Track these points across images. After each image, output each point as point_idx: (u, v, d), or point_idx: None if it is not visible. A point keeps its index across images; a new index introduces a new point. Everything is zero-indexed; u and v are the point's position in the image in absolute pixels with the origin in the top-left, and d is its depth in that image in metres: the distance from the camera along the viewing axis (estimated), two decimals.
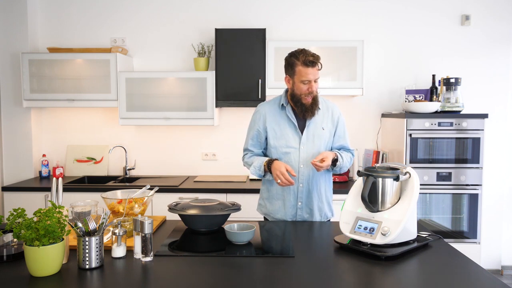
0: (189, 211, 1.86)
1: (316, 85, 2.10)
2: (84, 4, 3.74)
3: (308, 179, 2.15)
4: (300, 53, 2.07)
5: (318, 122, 2.17)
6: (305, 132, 2.15)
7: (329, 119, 2.19)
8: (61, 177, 1.76)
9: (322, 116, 2.18)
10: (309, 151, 2.14)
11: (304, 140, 2.14)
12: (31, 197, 3.23)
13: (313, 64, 2.05)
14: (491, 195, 3.72)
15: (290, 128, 2.16)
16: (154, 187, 2.19)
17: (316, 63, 2.07)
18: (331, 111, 2.21)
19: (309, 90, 2.08)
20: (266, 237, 1.90)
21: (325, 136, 2.17)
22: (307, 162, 2.13)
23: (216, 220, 1.90)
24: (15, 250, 1.55)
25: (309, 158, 2.13)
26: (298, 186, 2.15)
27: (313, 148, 2.14)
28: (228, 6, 3.71)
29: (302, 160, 2.14)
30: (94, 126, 3.81)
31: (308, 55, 2.06)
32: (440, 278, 1.39)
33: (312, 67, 2.06)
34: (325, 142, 2.17)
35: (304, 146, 2.14)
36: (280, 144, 2.16)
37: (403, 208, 1.63)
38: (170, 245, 1.74)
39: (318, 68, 2.08)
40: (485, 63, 3.70)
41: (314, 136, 2.15)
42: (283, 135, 2.16)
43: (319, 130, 2.16)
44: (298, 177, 2.14)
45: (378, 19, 3.70)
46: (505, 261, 3.81)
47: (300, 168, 2.14)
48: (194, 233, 1.89)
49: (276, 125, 2.18)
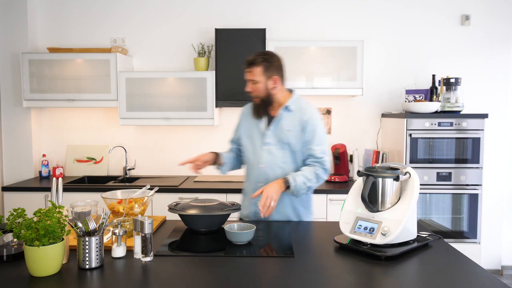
0: (189, 211, 1.86)
1: (252, 86, 2.09)
2: (84, 4, 3.74)
3: (267, 179, 2.12)
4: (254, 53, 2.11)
5: (285, 124, 2.11)
6: (269, 133, 2.13)
7: (297, 122, 2.10)
8: (61, 177, 1.75)
9: (291, 118, 2.11)
10: (272, 151, 2.12)
11: (268, 140, 2.13)
12: (31, 197, 3.23)
13: (248, 65, 2.08)
14: (491, 195, 3.72)
15: (256, 128, 2.18)
16: (154, 187, 2.19)
17: (246, 64, 2.08)
18: (301, 114, 2.11)
19: (246, 89, 2.12)
20: (266, 237, 1.90)
21: (290, 139, 2.09)
22: (268, 162, 2.12)
23: (216, 220, 1.90)
24: (15, 250, 1.55)
25: (270, 159, 2.12)
26: (258, 185, 2.14)
27: (276, 149, 2.11)
28: (228, 6, 3.71)
29: (263, 159, 2.13)
30: (94, 126, 3.81)
31: (251, 56, 2.10)
32: (440, 278, 1.39)
33: (248, 68, 2.08)
34: (290, 145, 2.10)
35: (267, 146, 2.12)
36: (247, 143, 2.20)
37: (403, 208, 1.63)
38: (170, 245, 1.74)
39: (249, 70, 2.07)
40: (485, 63, 3.70)
41: (278, 137, 2.11)
42: (251, 134, 2.19)
43: (284, 132, 2.10)
44: (259, 176, 2.14)
45: (378, 19, 3.70)
46: (505, 261, 3.81)
47: (260, 167, 2.14)
48: (194, 233, 1.89)
49: (248, 123, 2.22)
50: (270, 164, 2.12)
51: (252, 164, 2.18)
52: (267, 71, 2.06)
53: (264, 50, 2.13)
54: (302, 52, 3.41)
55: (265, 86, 2.08)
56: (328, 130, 3.78)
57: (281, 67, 2.12)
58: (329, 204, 3.20)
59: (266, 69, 2.06)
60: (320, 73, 3.42)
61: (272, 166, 2.12)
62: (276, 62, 2.10)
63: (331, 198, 3.20)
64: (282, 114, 2.13)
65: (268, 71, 2.07)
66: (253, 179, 2.17)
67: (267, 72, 2.06)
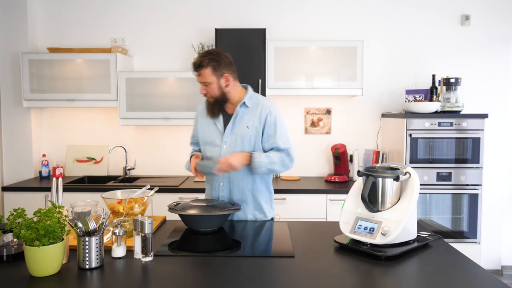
0: (189, 211, 1.86)
1: (205, 88, 2.06)
2: (84, 4, 3.74)
3: (229, 178, 2.13)
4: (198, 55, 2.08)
5: (244, 120, 2.11)
6: (227, 131, 2.12)
7: (256, 118, 2.10)
8: (61, 177, 1.76)
9: (249, 114, 2.12)
10: (232, 150, 2.10)
11: (227, 138, 2.12)
12: (31, 197, 3.23)
13: (196, 68, 2.05)
14: (491, 195, 3.73)
15: (214, 127, 2.16)
16: (154, 187, 2.19)
17: (194, 68, 2.05)
18: (260, 109, 2.12)
19: (200, 92, 2.10)
20: (266, 237, 1.90)
21: (250, 135, 2.09)
22: None
23: (216, 220, 1.90)
24: (15, 250, 1.55)
25: None
26: (219, 184, 2.15)
27: (235, 147, 2.10)
28: (228, 6, 3.71)
29: None
30: (94, 126, 3.81)
31: (197, 58, 2.06)
32: (440, 278, 1.39)
33: (197, 71, 2.06)
34: (250, 141, 2.09)
35: (227, 145, 2.12)
36: (205, 141, 2.19)
37: (403, 208, 1.63)
38: (170, 245, 1.74)
39: (198, 74, 2.04)
40: (485, 63, 3.70)
41: (237, 135, 2.10)
42: (209, 132, 2.18)
43: (243, 128, 2.10)
44: (219, 175, 2.13)
45: (378, 19, 3.70)
46: (505, 261, 3.81)
47: None
48: (194, 233, 1.89)
49: (205, 123, 2.20)
50: None
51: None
52: (217, 70, 2.04)
53: (210, 49, 2.09)
54: (302, 52, 3.41)
55: (218, 85, 2.06)
56: (328, 130, 3.78)
57: (230, 63, 2.10)
58: (329, 204, 3.20)
59: (215, 69, 2.03)
60: (320, 73, 3.42)
61: None
62: (224, 59, 2.07)
63: (331, 198, 3.20)
64: (240, 111, 2.12)
65: (218, 70, 2.04)
66: (214, 178, 2.17)
67: (217, 71, 2.04)
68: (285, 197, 3.19)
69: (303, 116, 3.79)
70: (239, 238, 1.89)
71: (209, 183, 2.23)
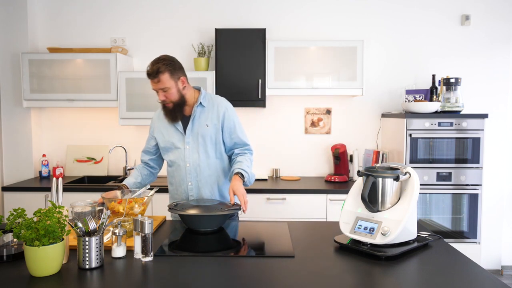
0: (189, 211, 1.86)
1: (165, 94, 2.07)
2: (84, 4, 3.74)
3: (196, 176, 2.16)
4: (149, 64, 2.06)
5: (202, 119, 2.16)
6: (188, 131, 2.15)
7: (214, 115, 2.16)
8: (61, 177, 1.76)
9: (206, 113, 2.16)
10: (195, 149, 2.15)
11: (188, 139, 2.15)
12: (31, 197, 3.23)
13: (148, 76, 2.05)
14: (491, 195, 3.73)
15: (174, 130, 2.18)
16: (154, 187, 2.19)
17: (151, 76, 2.03)
18: (216, 107, 2.17)
19: (159, 98, 2.10)
20: (266, 237, 1.90)
21: (211, 132, 2.15)
22: (194, 160, 2.15)
23: (216, 220, 1.90)
24: (15, 250, 1.55)
25: (195, 157, 2.14)
26: (187, 184, 2.17)
27: (198, 146, 2.14)
28: (228, 6, 3.71)
29: (188, 159, 2.15)
30: (94, 126, 3.81)
31: (148, 67, 2.05)
32: (440, 278, 1.39)
33: (150, 79, 2.06)
34: (211, 139, 2.15)
35: (189, 145, 2.15)
36: (167, 146, 2.21)
37: (403, 208, 1.63)
38: (170, 245, 1.74)
39: (157, 80, 2.03)
40: (485, 63, 3.70)
41: (198, 134, 2.14)
42: (169, 137, 2.19)
43: (202, 127, 2.14)
44: (186, 175, 2.16)
45: (378, 19, 3.70)
46: (505, 261, 3.81)
47: (187, 167, 2.16)
48: (194, 233, 1.89)
49: (163, 128, 2.22)
50: (196, 161, 2.15)
51: (176, 165, 2.19)
52: (174, 75, 2.06)
53: (160, 56, 2.11)
54: (302, 52, 3.41)
55: (176, 89, 2.08)
56: (328, 130, 3.78)
57: (181, 66, 2.14)
58: (329, 204, 3.20)
59: (172, 73, 2.05)
60: (320, 73, 3.42)
61: (198, 163, 2.15)
62: (177, 63, 2.11)
63: (331, 198, 3.20)
64: (197, 111, 2.16)
65: (174, 74, 2.07)
66: (181, 180, 2.18)
67: (174, 75, 2.06)
68: (285, 197, 3.19)
69: (303, 116, 3.79)
70: (239, 238, 1.89)
71: (174, 185, 2.24)
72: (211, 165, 2.16)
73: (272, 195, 3.18)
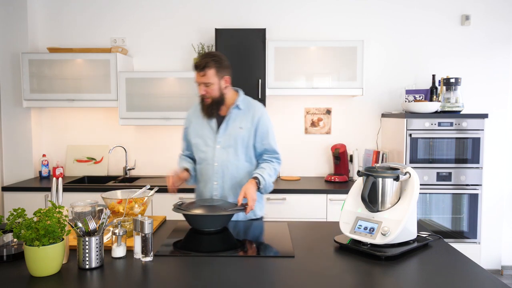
0: (194, 210, 1.86)
1: (206, 89, 2.09)
2: (84, 4, 3.74)
3: (223, 177, 2.16)
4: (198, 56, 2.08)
5: (237, 121, 2.17)
6: (221, 131, 2.17)
7: (249, 119, 2.18)
8: (61, 177, 1.76)
9: (242, 116, 2.19)
10: (225, 150, 2.16)
11: (220, 138, 2.16)
12: (31, 197, 3.23)
13: (195, 68, 2.08)
14: (491, 195, 3.73)
15: (207, 127, 2.20)
16: (154, 187, 2.19)
17: (198, 68, 2.06)
18: (252, 111, 2.20)
19: (199, 92, 2.12)
20: (266, 237, 1.90)
21: (243, 135, 2.16)
22: (222, 161, 2.15)
23: (221, 220, 1.89)
24: (15, 250, 1.55)
25: (224, 157, 2.15)
26: (213, 183, 2.17)
27: (229, 147, 2.16)
28: (228, 6, 3.71)
29: (217, 158, 2.16)
30: (94, 126, 3.81)
31: (198, 59, 2.09)
32: (440, 278, 1.39)
33: (196, 71, 2.08)
34: (243, 141, 2.16)
35: (220, 145, 2.16)
36: (198, 142, 2.22)
37: (403, 208, 1.63)
38: (173, 244, 1.74)
39: (203, 74, 2.06)
40: (485, 63, 3.70)
41: (230, 135, 2.16)
42: (202, 134, 2.21)
43: (236, 129, 2.16)
44: (213, 174, 2.17)
45: (378, 19, 3.70)
46: (505, 261, 3.81)
47: (215, 166, 2.16)
48: (198, 233, 1.88)
49: (197, 124, 2.24)
50: (224, 162, 2.16)
51: (205, 163, 2.20)
52: (219, 72, 2.10)
53: (212, 52, 2.16)
54: (302, 52, 3.41)
55: (218, 87, 2.11)
56: (328, 130, 3.78)
57: (229, 66, 2.17)
58: (329, 204, 3.20)
59: (218, 70, 2.09)
60: (320, 73, 3.42)
61: (226, 164, 2.16)
62: (225, 62, 2.14)
63: (331, 198, 3.20)
64: (233, 113, 2.18)
65: (220, 72, 2.10)
66: (208, 178, 2.19)
67: (220, 73, 2.10)
68: (285, 197, 3.19)
69: (303, 116, 3.79)
70: (239, 238, 1.89)
71: (202, 182, 2.24)
72: (239, 167, 2.17)
73: (272, 195, 3.18)
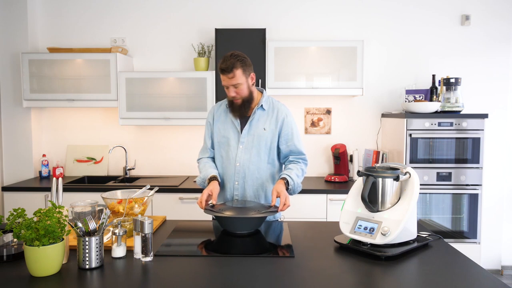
0: (226, 212, 1.85)
1: (236, 90, 2.07)
2: (84, 4, 3.74)
3: (244, 177, 2.15)
4: (221, 59, 2.06)
5: (260, 122, 2.16)
6: (244, 131, 2.16)
7: (273, 120, 2.17)
8: (61, 177, 1.76)
9: (266, 116, 2.17)
10: (249, 150, 2.14)
11: (244, 139, 2.15)
12: (31, 197, 3.23)
13: (222, 71, 2.05)
14: (491, 195, 3.73)
15: (231, 127, 2.19)
16: (154, 187, 2.19)
17: (226, 71, 2.03)
18: (276, 112, 2.18)
19: (229, 95, 2.10)
20: (266, 237, 1.90)
21: (267, 136, 2.15)
22: (245, 161, 2.14)
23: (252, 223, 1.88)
24: (15, 250, 1.55)
25: (247, 157, 2.14)
26: (234, 183, 2.16)
27: (252, 148, 2.14)
28: (228, 6, 3.71)
29: (239, 158, 2.14)
30: (94, 126, 3.81)
31: (222, 62, 2.06)
32: (440, 278, 1.39)
33: (224, 74, 2.05)
34: (266, 143, 2.15)
35: (243, 145, 2.15)
36: (221, 141, 2.21)
37: (403, 208, 1.63)
38: (172, 245, 1.73)
39: (232, 75, 2.03)
40: (485, 63, 3.70)
41: (254, 136, 2.15)
42: (225, 133, 2.20)
43: (260, 130, 2.15)
44: (234, 174, 2.15)
45: (378, 19, 3.70)
46: (505, 261, 3.81)
47: (236, 166, 2.15)
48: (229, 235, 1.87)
49: (220, 123, 2.23)
50: (246, 162, 2.14)
51: (227, 163, 2.19)
52: (246, 71, 2.08)
53: (232, 52, 2.12)
54: (302, 52, 3.41)
55: (247, 85, 2.10)
56: (328, 130, 3.78)
57: (251, 64, 2.15)
58: (329, 204, 3.20)
59: (244, 69, 2.07)
60: (320, 73, 3.42)
61: (248, 164, 2.14)
62: (248, 60, 2.12)
63: (331, 198, 3.20)
64: (257, 113, 2.17)
65: (246, 71, 2.08)
66: (229, 178, 2.18)
67: (246, 71, 2.08)
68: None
69: (303, 116, 3.79)
70: (238, 237, 1.89)
71: (224, 181, 2.22)
72: (261, 169, 2.15)
73: None
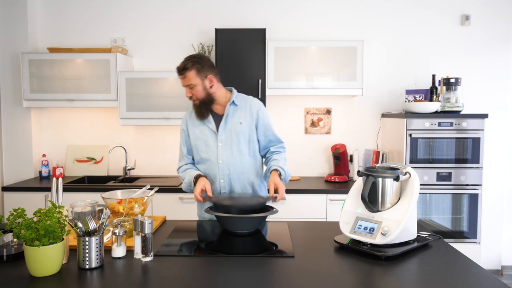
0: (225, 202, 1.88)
1: (191, 91, 2.13)
2: (84, 4, 3.74)
3: (229, 174, 2.18)
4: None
5: (236, 117, 2.20)
6: (220, 129, 2.18)
7: (248, 114, 2.21)
8: (61, 177, 1.76)
9: (240, 111, 2.21)
10: (229, 147, 2.17)
11: (221, 136, 2.18)
12: (31, 197, 3.23)
13: (180, 72, 2.13)
14: (491, 195, 3.72)
15: (206, 128, 2.21)
16: (154, 187, 2.19)
17: (178, 72, 2.12)
18: (249, 105, 2.23)
19: (186, 95, 2.17)
20: (266, 237, 1.90)
21: (244, 130, 2.18)
22: (227, 158, 2.17)
23: (254, 222, 1.89)
24: (15, 250, 1.55)
25: (228, 154, 2.17)
26: (220, 182, 2.19)
27: (232, 143, 2.17)
28: (228, 6, 3.71)
29: (221, 156, 2.17)
30: (94, 126, 3.81)
31: (181, 63, 2.13)
32: (440, 278, 1.39)
33: (181, 75, 2.13)
34: (244, 136, 2.18)
35: (222, 143, 2.17)
36: (199, 144, 2.22)
37: (403, 208, 1.63)
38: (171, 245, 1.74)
39: (183, 77, 2.11)
40: (485, 63, 3.70)
41: (231, 131, 2.18)
42: (201, 135, 2.22)
43: (236, 125, 2.18)
44: (218, 173, 2.18)
45: (378, 19, 3.70)
46: (505, 261, 3.81)
47: (219, 164, 2.17)
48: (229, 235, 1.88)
49: (195, 127, 2.25)
50: (229, 158, 2.17)
51: (209, 163, 2.20)
52: (201, 72, 2.12)
53: (192, 54, 2.22)
54: (302, 52, 3.41)
55: (202, 87, 2.13)
56: (328, 130, 3.78)
57: (213, 65, 2.19)
58: (329, 204, 3.20)
59: (199, 71, 2.11)
60: (320, 73, 3.42)
61: (231, 160, 2.17)
62: (206, 62, 2.16)
63: (331, 198, 3.20)
64: (230, 109, 2.20)
65: (201, 72, 2.12)
66: (213, 177, 2.20)
67: (201, 73, 2.12)
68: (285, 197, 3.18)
69: (303, 116, 3.79)
70: (239, 237, 1.89)
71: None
72: (244, 163, 2.19)
73: None
